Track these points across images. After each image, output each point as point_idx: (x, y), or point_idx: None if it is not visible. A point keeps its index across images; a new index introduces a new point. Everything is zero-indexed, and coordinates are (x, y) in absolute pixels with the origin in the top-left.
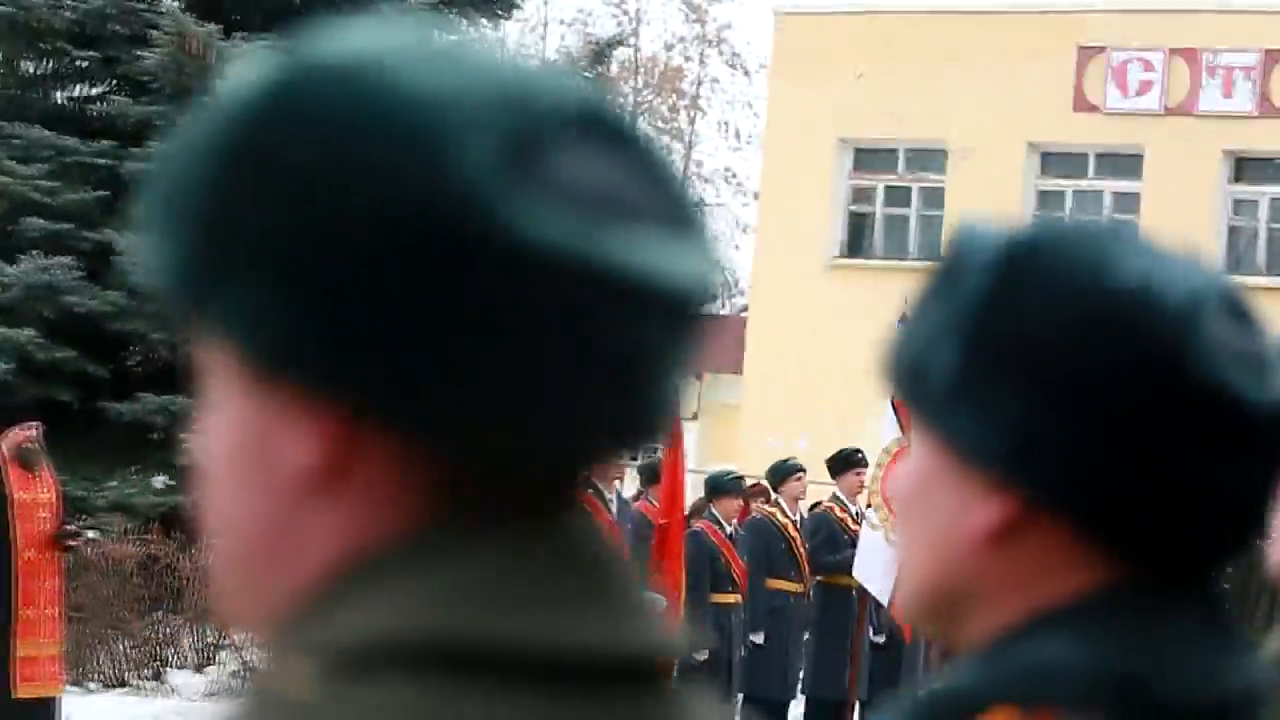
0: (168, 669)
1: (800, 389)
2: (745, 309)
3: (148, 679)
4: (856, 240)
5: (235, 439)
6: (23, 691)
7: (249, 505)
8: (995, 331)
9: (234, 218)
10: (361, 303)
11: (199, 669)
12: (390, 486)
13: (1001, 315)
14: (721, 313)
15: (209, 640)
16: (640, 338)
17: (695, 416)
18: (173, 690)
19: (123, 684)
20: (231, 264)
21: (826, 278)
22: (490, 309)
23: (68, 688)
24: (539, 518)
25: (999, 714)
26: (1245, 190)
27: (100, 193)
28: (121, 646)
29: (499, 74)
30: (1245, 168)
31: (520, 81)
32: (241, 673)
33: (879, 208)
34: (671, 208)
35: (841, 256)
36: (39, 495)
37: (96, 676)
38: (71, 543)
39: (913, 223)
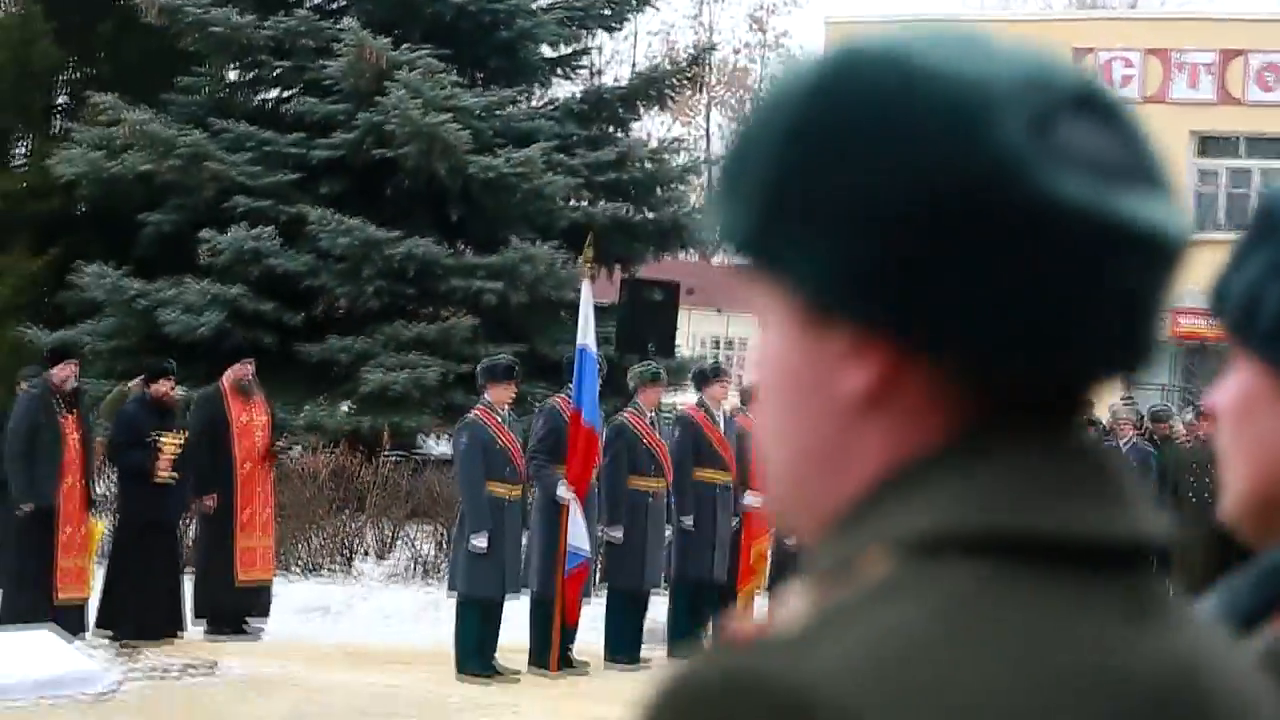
0: (354, 558)
1: None
2: None
3: (338, 567)
4: None
5: (791, 371)
6: (243, 576)
7: (803, 428)
8: None
9: (801, 182)
10: (911, 252)
11: (379, 558)
12: (929, 405)
13: None
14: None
15: (387, 534)
16: (1136, 278)
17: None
18: (358, 576)
19: (318, 571)
20: (799, 222)
21: None
22: (1018, 255)
23: (275, 574)
24: (1054, 428)
25: None
26: (1208, 163)
27: (293, 175)
28: (316, 540)
29: (1016, 58)
30: (1208, 145)
31: (1033, 64)
32: (414, 561)
33: None
34: (1151, 168)
35: None
36: (254, 419)
37: (297, 565)
38: (281, 456)
39: None
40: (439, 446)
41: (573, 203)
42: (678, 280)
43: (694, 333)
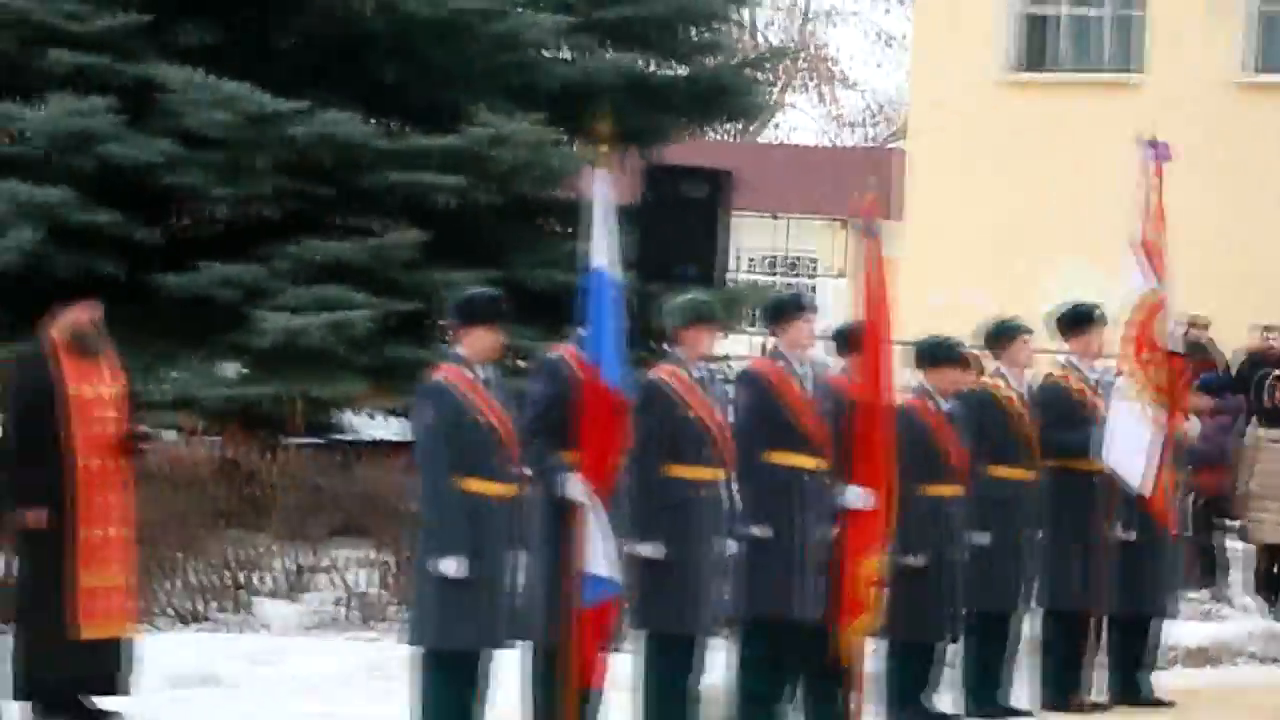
0: (254, 598)
1: (970, 236)
2: (898, 140)
3: (230, 611)
4: (1036, 49)
5: None
6: (87, 631)
7: None
8: None
9: None
10: None
11: (292, 598)
12: None
13: None
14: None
15: (303, 561)
16: None
17: (841, 274)
18: (262, 624)
19: (200, 618)
20: None
21: (999, 97)
22: None
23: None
24: None
25: None
26: None
27: (141, 17)
28: (195, 574)
29: None
30: None
31: None
32: (345, 599)
33: (1063, 7)
34: None
35: (1017, 70)
36: (101, 390)
37: (167, 612)
38: (143, 446)
39: (1106, 25)
40: (377, 426)
41: (565, 53)
42: (726, 169)
43: (736, 247)
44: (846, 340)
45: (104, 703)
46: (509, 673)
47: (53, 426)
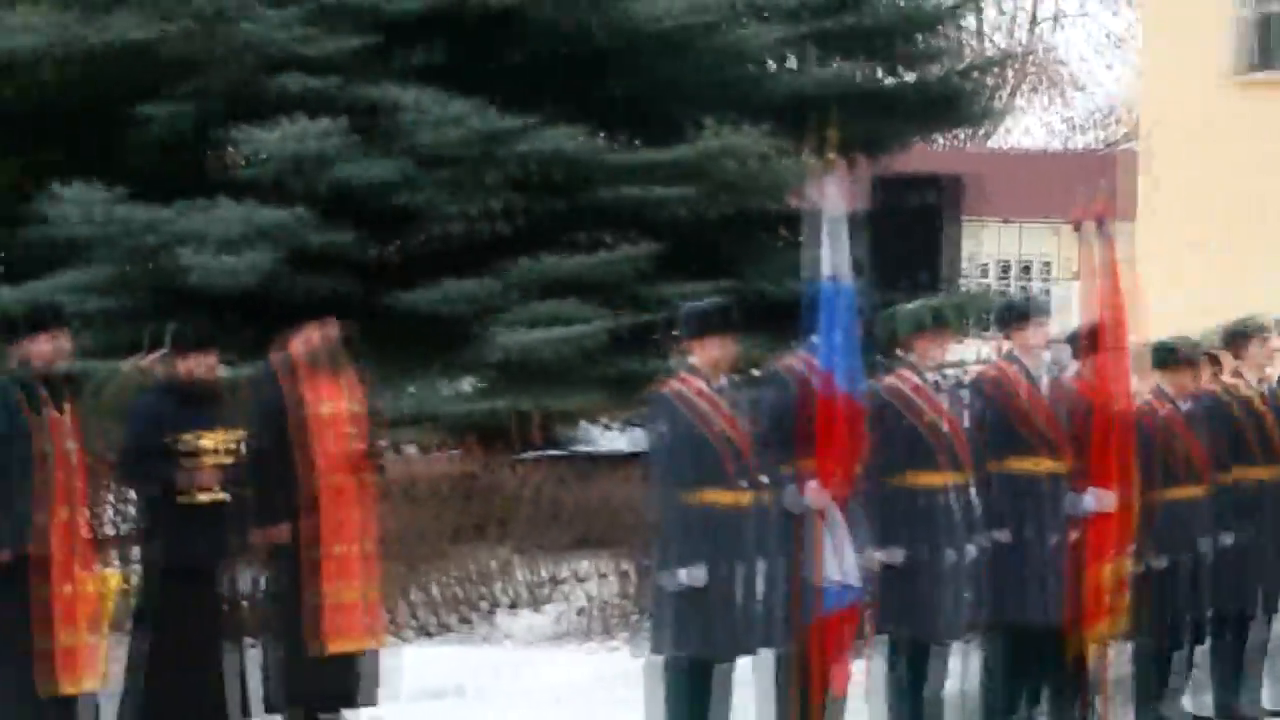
0: (496, 611)
1: (1205, 235)
2: (1131, 141)
3: (474, 623)
4: (1265, 47)
5: None
6: (333, 645)
7: None
8: None
9: None
10: None
11: (535, 608)
12: None
13: None
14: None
15: (545, 574)
16: None
17: (1076, 275)
18: (504, 637)
19: (443, 631)
20: None
21: (1229, 96)
22: None
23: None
24: None
25: None
26: None
27: (367, 39)
28: (438, 587)
29: None
30: None
31: None
32: (588, 609)
33: None
34: None
35: (1247, 69)
36: (341, 408)
37: (411, 624)
38: (383, 462)
39: None
40: (613, 438)
41: (789, 63)
42: (957, 174)
43: (968, 253)
44: (1082, 343)
45: (351, 716)
46: (750, 680)
47: (293, 444)
